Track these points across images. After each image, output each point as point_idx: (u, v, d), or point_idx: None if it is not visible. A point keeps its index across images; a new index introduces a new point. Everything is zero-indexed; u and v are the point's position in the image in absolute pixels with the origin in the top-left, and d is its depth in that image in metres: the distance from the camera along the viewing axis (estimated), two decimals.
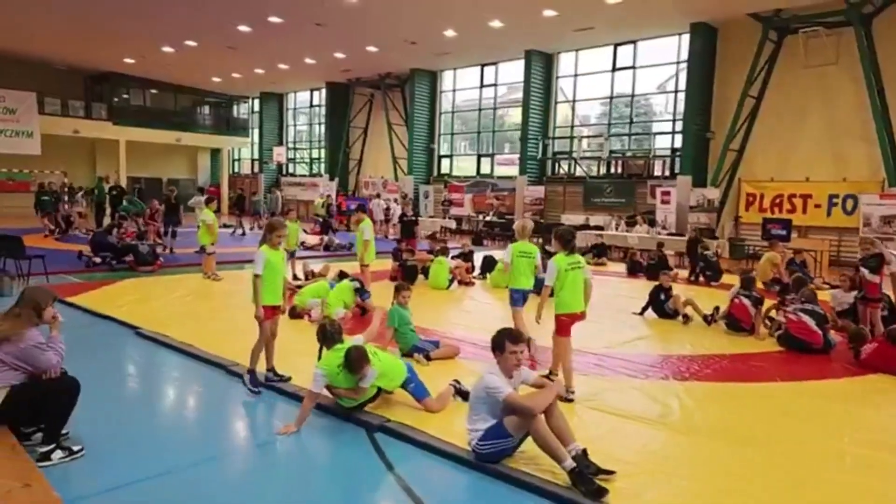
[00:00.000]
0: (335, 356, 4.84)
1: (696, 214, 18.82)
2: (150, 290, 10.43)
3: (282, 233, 5.61)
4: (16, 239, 10.82)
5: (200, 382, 6.03)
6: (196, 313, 8.74)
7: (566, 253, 5.77)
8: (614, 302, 10.62)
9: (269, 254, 5.49)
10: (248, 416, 5.25)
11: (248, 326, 8.19)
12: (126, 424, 4.86)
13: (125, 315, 8.29)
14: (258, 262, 5.44)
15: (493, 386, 4.01)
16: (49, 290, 4.36)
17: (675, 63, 20.85)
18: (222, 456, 4.37)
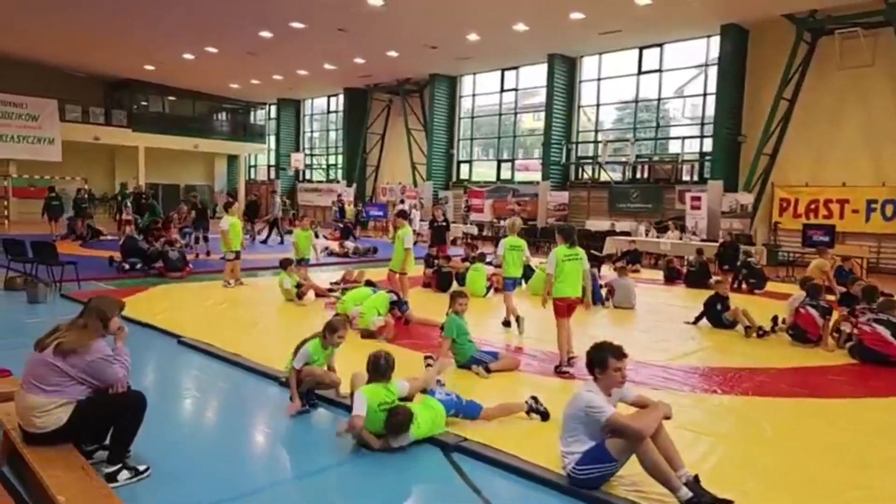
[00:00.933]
0: (380, 393, 4.48)
1: (729, 220, 18.42)
2: (184, 296, 10.19)
3: (342, 335, 5.22)
4: (48, 245, 10.63)
5: (254, 394, 5.76)
6: (235, 321, 8.47)
7: (567, 246, 6.47)
8: (662, 311, 10.29)
9: (314, 351, 5.12)
10: (314, 431, 4.93)
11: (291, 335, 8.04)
12: (188, 441, 4.59)
13: (164, 322, 8.05)
14: (300, 358, 5.06)
15: (594, 406, 3.69)
16: (116, 299, 4.09)
17: (704, 66, 20.51)
18: (300, 477, 4.09)
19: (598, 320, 9.52)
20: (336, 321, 5.33)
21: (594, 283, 10.32)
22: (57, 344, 3.64)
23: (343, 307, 8.30)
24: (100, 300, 3.95)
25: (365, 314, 7.57)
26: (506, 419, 4.94)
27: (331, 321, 5.35)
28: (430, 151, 27.13)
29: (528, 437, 4.64)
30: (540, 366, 6.63)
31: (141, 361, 6.50)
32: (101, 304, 3.88)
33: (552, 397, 5.34)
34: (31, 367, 3.67)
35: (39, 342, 3.73)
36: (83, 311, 3.88)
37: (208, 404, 5.63)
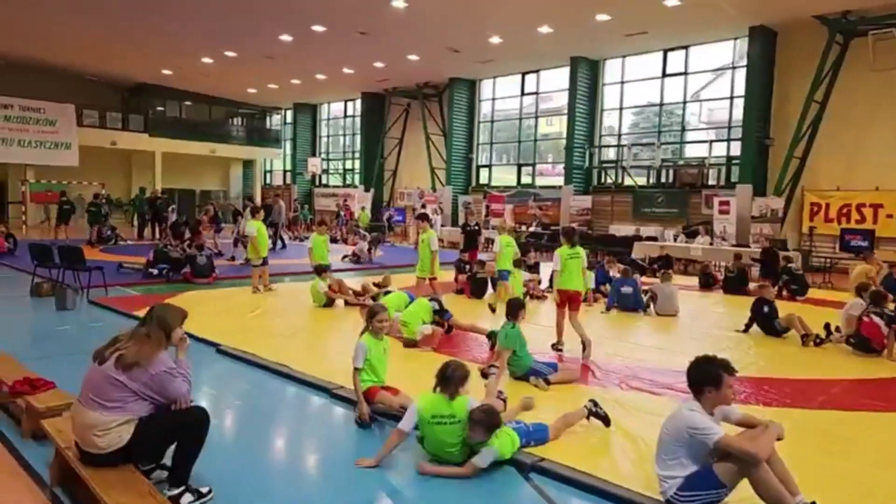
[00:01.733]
0: (439, 405, 4.14)
1: (759, 225, 18.04)
2: (216, 303, 9.92)
3: (383, 317, 5.00)
4: (76, 250, 10.41)
5: (306, 407, 5.49)
6: (271, 328, 8.20)
7: (569, 246, 7.44)
8: (707, 317, 9.96)
9: (370, 343, 4.92)
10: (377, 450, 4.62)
11: (332, 343, 7.82)
12: (245, 459, 4.30)
13: (199, 330, 7.72)
14: (358, 355, 4.86)
15: (700, 427, 3.36)
16: (178, 307, 3.81)
17: (731, 68, 20.18)
18: (370, 501, 3.78)
19: (642, 327, 9.21)
20: (376, 305, 5.21)
21: (635, 291, 10.03)
22: (118, 356, 3.36)
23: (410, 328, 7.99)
24: (162, 309, 3.67)
25: (409, 323, 7.27)
26: (569, 430, 4.66)
27: (370, 306, 5.20)
28: (450, 156, 26.86)
29: (601, 454, 4.35)
30: (600, 376, 6.30)
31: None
32: (163, 314, 3.61)
33: (613, 409, 5.07)
34: (91, 382, 3.40)
35: (99, 354, 3.46)
36: (144, 320, 3.61)
37: (260, 418, 5.32)
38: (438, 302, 7.66)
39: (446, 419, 4.08)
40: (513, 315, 6.01)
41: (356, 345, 4.93)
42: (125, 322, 8.45)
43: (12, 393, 4.47)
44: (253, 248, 10.95)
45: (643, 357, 7.16)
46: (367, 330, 5.01)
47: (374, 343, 4.96)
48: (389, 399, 4.85)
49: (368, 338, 4.96)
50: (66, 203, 20.79)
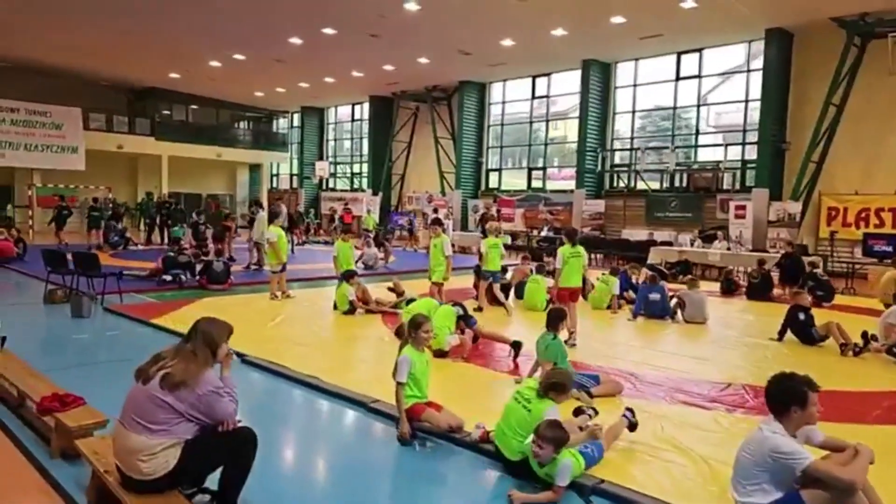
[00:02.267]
0: (533, 394, 4.04)
1: (776, 230, 17.82)
2: (234, 310, 9.67)
3: (428, 328, 4.79)
4: (91, 256, 10.21)
5: (343, 422, 5.28)
6: (294, 337, 7.97)
7: (570, 246, 8.12)
8: (736, 325, 9.73)
9: (413, 357, 4.68)
10: (431, 470, 4.37)
11: (357, 353, 7.58)
12: (286, 479, 4.09)
13: None
14: (401, 368, 4.61)
15: (785, 451, 3.13)
16: (224, 322, 3.58)
17: (746, 71, 19.98)
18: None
19: (672, 335, 8.98)
20: (418, 316, 4.91)
21: (663, 298, 9.81)
22: (164, 375, 3.14)
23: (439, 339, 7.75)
24: (208, 324, 3.45)
25: (437, 334, 7.01)
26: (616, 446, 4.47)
27: (413, 317, 4.94)
28: (459, 160, 26.67)
29: (662, 474, 4.12)
30: (642, 388, 6.06)
31: None
32: (209, 329, 3.38)
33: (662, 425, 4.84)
34: (134, 402, 3.18)
35: (142, 372, 3.24)
36: (189, 336, 3.38)
37: (297, 435, 5.12)
38: (463, 308, 7.41)
39: (523, 402, 4.19)
40: (553, 325, 5.79)
41: (399, 358, 4.69)
42: (142, 330, 8.27)
43: (41, 410, 4.25)
44: (273, 254, 10.74)
45: (682, 367, 6.93)
46: (409, 342, 4.77)
47: (417, 356, 4.73)
48: (436, 418, 4.61)
49: (411, 350, 4.72)
50: (65, 209, 20.49)
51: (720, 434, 4.95)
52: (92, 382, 5.67)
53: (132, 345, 7.65)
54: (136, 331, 8.25)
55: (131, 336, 8.00)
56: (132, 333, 8.13)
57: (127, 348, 7.48)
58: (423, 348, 4.79)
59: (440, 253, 9.69)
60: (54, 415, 4.19)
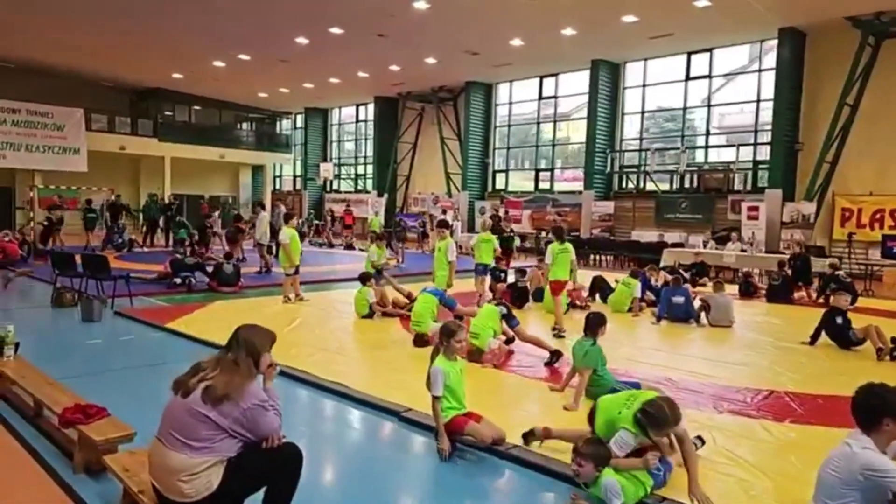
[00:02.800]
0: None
1: (790, 231, 17.60)
2: (248, 314, 9.41)
3: (462, 337, 4.50)
4: (100, 258, 9.96)
5: (377, 433, 5.04)
6: (315, 342, 7.71)
7: (559, 243, 8.85)
8: (764, 329, 9.47)
9: (447, 367, 4.40)
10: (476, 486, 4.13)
11: (381, 358, 7.26)
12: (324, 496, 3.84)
13: None
14: (436, 381, 4.33)
15: (879, 469, 2.89)
16: (266, 329, 3.33)
17: (758, 71, 19.78)
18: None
19: (700, 340, 8.74)
20: (452, 324, 4.61)
21: (687, 301, 9.58)
22: (206, 389, 2.90)
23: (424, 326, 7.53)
24: (250, 331, 3.20)
25: (480, 334, 6.75)
26: None
27: (445, 325, 4.62)
28: (466, 161, 26.44)
29: (736, 496, 3.85)
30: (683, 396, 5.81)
31: None
32: (251, 337, 3.14)
33: (718, 437, 4.60)
34: (174, 417, 2.93)
35: (181, 385, 2.99)
36: (230, 345, 3.13)
37: (329, 447, 4.85)
38: (507, 307, 7.13)
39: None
40: (592, 331, 5.54)
41: (431, 370, 4.41)
42: (155, 335, 8.02)
43: (63, 423, 4.01)
44: (286, 256, 10.48)
45: (718, 373, 6.69)
46: (441, 351, 4.49)
47: (451, 366, 4.45)
48: (481, 431, 4.35)
49: (443, 360, 4.44)
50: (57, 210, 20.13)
51: (773, 444, 4.72)
52: (111, 391, 5.44)
53: (147, 350, 7.42)
54: (149, 335, 8.00)
55: (145, 341, 7.76)
56: (146, 338, 7.88)
57: (143, 354, 7.25)
58: (455, 357, 4.53)
59: (444, 256, 9.33)
60: (77, 427, 3.95)
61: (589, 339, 5.49)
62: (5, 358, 5.46)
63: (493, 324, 6.86)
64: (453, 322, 4.63)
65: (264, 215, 15.41)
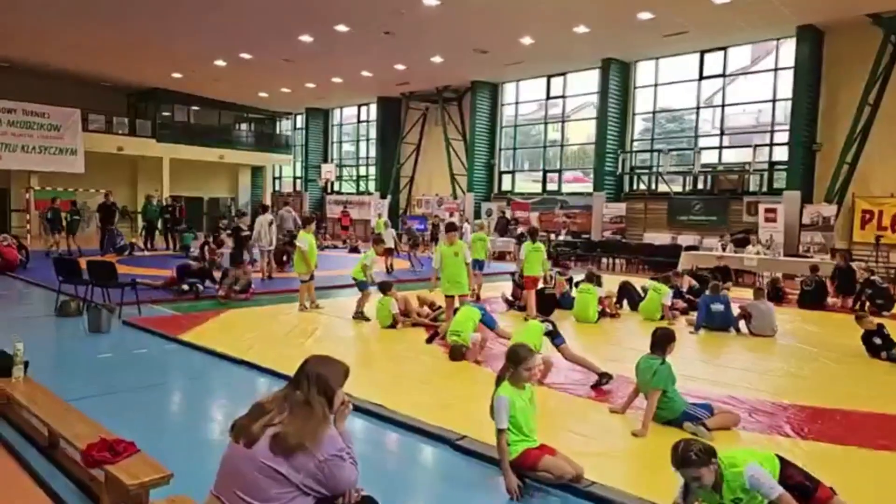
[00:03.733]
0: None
1: (810, 234, 17.20)
2: (266, 325, 8.92)
3: (532, 364, 4.03)
4: (107, 265, 9.42)
5: (432, 465, 4.54)
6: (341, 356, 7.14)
7: (532, 242, 10.14)
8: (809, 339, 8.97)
9: (513, 395, 3.94)
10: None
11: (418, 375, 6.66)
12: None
13: (262, 359, 6.81)
14: (500, 411, 3.86)
15: None
16: (338, 361, 2.81)
17: (774, 70, 19.39)
18: None
19: (743, 350, 8.27)
20: (521, 348, 4.10)
21: (727, 308, 9.12)
22: (275, 437, 2.40)
23: (463, 336, 7.04)
24: (321, 364, 2.69)
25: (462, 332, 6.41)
26: None
27: (512, 349, 4.12)
28: (472, 162, 25.95)
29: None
30: (759, 418, 5.33)
31: None
32: (323, 372, 2.64)
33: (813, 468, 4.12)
34: (236, 472, 2.43)
35: (243, 431, 2.48)
36: (298, 381, 2.63)
37: (379, 479, 4.35)
38: (553, 325, 6.66)
39: None
40: (660, 348, 5.07)
41: (495, 399, 3.93)
42: (170, 348, 7.49)
43: (89, 463, 3.50)
44: (302, 262, 9.96)
45: (780, 388, 6.26)
46: (506, 378, 4.00)
47: (518, 394, 3.97)
48: (560, 467, 3.86)
49: (509, 388, 3.96)
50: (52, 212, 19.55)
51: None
52: (133, 416, 4.96)
53: (164, 365, 6.91)
54: (163, 348, 7.49)
55: (161, 355, 7.24)
56: (160, 352, 7.37)
57: (160, 370, 6.74)
58: (523, 385, 4.04)
59: (460, 261, 8.71)
60: (104, 467, 3.44)
61: (657, 357, 5.01)
62: (13, 379, 4.95)
63: (534, 342, 6.36)
64: (522, 347, 4.12)
65: (262, 218, 14.55)
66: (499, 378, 4.01)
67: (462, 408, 5.32)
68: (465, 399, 5.63)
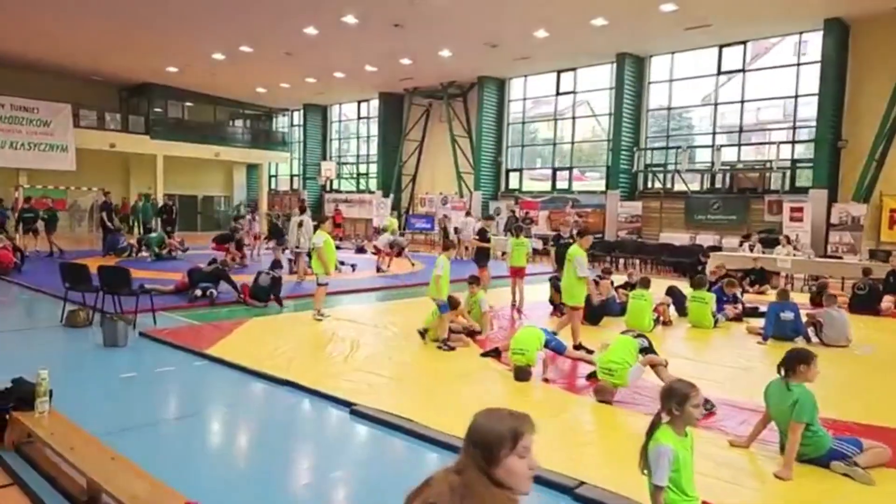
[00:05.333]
0: None
1: (839, 233, 16.66)
2: (297, 334, 8.12)
3: (699, 401, 3.30)
4: (120, 271, 8.57)
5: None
6: (395, 376, 6.40)
7: (515, 237, 11.22)
8: (890, 349, 8.31)
9: (677, 445, 3.20)
10: None
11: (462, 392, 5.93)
12: None
13: (303, 377, 6.04)
14: (660, 465, 3.14)
15: None
16: (511, 414, 1.94)
17: (796, 65, 18.84)
18: None
19: (830, 365, 7.54)
20: (677, 384, 3.36)
21: (797, 316, 8.46)
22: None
23: (528, 355, 6.27)
24: (488, 425, 1.91)
25: (616, 370, 5.52)
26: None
27: (669, 387, 3.37)
28: (478, 160, 25.22)
29: None
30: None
31: (329, 451, 4.54)
32: (489, 437, 1.86)
33: None
34: None
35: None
36: (468, 455, 1.86)
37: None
38: (648, 341, 5.94)
39: None
40: (792, 369, 4.35)
41: (655, 450, 3.17)
42: (200, 365, 6.68)
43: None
44: (319, 263, 9.19)
45: None
46: (664, 422, 3.26)
47: (680, 443, 3.24)
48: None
49: (670, 435, 3.21)
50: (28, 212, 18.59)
51: None
52: (180, 459, 4.21)
53: (198, 388, 6.12)
54: (191, 365, 6.69)
55: (190, 374, 6.44)
56: (189, 369, 6.57)
57: (194, 394, 5.95)
58: (685, 430, 3.32)
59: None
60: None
61: (796, 382, 4.30)
62: (38, 412, 4.16)
63: (629, 359, 5.64)
64: (680, 382, 3.37)
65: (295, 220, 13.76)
66: (653, 424, 3.26)
67: (565, 445, 4.59)
68: (564, 434, 4.90)
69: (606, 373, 5.54)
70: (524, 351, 6.15)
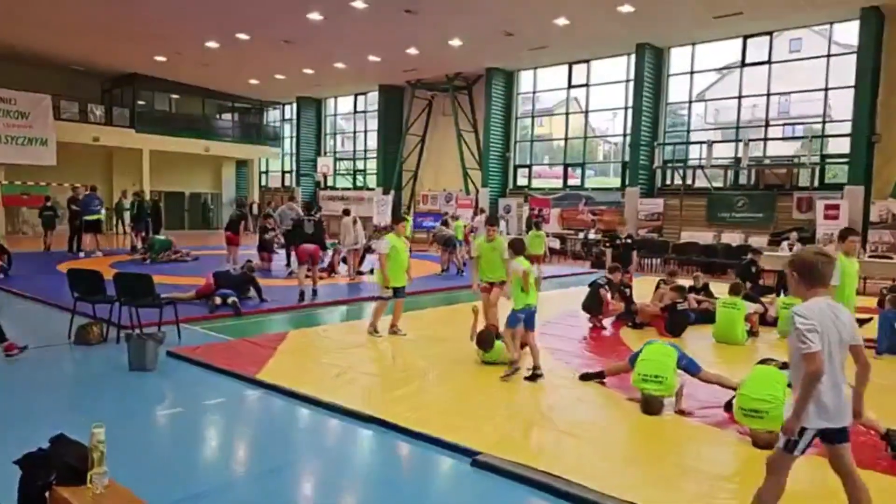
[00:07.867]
0: None
1: (878, 232, 15.94)
2: (353, 353, 6.97)
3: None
4: (142, 278, 7.34)
5: None
6: (466, 403, 5.35)
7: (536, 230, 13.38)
8: None
9: None
10: None
11: (647, 447, 4.39)
12: None
13: (390, 414, 4.94)
14: None
15: None
16: None
17: (826, 56, 18.11)
18: None
19: None
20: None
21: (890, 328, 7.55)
22: None
23: (663, 385, 5.19)
24: None
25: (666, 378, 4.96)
26: None
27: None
28: (486, 155, 24.16)
29: None
30: None
31: None
32: None
33: None
34: None
35: None
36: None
37: None
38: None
39: None
40: None
41: None
42: (251, 394, 5.54)
43: None
44: (380, 273, 7.99)
45: None
46: None
47: None
48: None
49: None
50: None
51: None
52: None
53: (269, 429, 4.93)
54: (246, 396, 5.53)
55: (250, 409, 5.29)
56: (246, 403, 5.40)
57: (269, 438, 4.73)
58: None
59: (500, 255, 7.36)
60: None
61: None
62: (95, 488, 3.00)
63: (780, 393, 4.62)
64: None
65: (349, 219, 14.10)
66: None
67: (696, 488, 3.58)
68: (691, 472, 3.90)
69: (753, 416, 4.47)
70: (661, 378, 5.08)
